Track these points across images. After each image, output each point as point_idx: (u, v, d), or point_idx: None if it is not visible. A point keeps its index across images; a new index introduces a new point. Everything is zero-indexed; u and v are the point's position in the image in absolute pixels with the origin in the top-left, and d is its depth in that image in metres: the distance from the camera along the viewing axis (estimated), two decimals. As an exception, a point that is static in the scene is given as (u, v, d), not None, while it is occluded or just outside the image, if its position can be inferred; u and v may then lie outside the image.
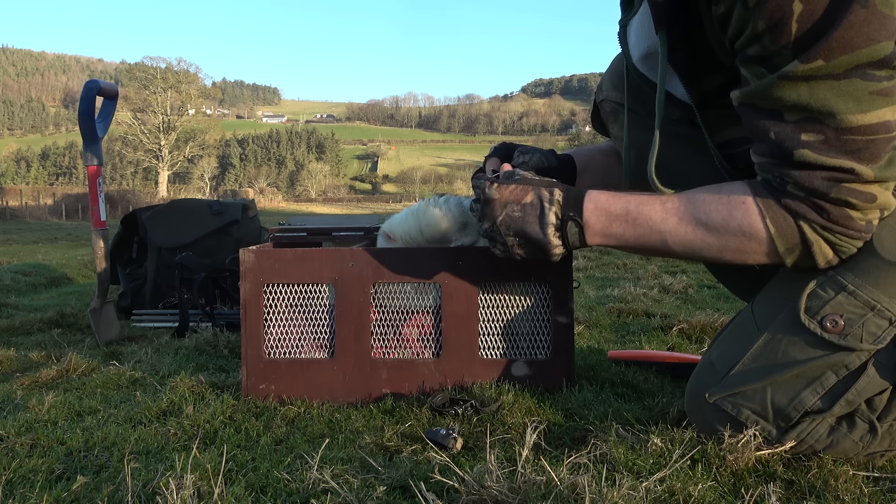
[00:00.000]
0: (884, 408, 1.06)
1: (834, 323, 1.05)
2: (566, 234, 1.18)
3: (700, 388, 1.16)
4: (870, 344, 1.04)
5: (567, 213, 1.17)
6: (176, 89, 55.98)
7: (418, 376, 1.47)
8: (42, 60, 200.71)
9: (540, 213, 1.18)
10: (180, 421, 1.32)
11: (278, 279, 1.49)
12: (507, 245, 1.22)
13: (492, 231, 1.22)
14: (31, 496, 1.01)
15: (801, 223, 1.04)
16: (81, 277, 4.31)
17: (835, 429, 1.08)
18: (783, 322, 1.09)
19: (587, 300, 2.94)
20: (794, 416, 1.08)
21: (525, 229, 1.19)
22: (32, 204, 31.50)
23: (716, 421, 1.13)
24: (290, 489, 1.02)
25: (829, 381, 1.06)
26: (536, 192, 1.19)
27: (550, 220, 1.17)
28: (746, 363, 1.11)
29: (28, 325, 2.48)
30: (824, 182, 1.00)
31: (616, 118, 1.46)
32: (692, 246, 1.11)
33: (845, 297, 1.05)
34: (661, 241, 1.13)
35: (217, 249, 2.87)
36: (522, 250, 1.22)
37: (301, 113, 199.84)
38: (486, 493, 0.93)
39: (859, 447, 1.08)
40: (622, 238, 1.16)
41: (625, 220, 1.15)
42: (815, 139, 0.99)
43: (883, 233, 1.05)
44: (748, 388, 1.10)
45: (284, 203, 54.66)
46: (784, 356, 1.08)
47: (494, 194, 1.20)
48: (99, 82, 2.29)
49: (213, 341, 2.05)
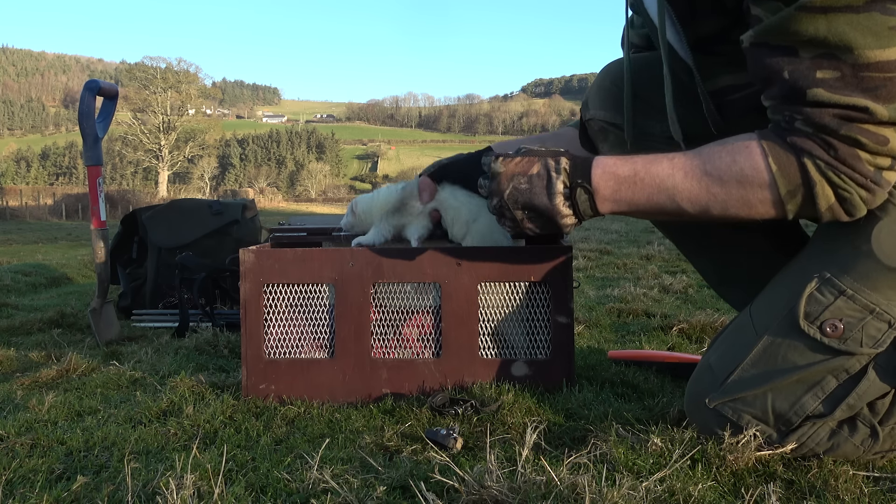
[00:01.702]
0: (886, 411, 1.06)
1: (833, 327, 1.04)
2: (576, 202, 1.14)
3: (700, 392, 1.15)
4: (870, 347, 1.03)
5: (575, 180, 1.14)
6: (176, 89, 55.96)
7: (418, 376, 1.47)
8: (42, 60, 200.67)
9: (547, 183, 1.14)
10: (180, 421, 1.32)
11: (278, 279, 1.49)
12: (517, 220, 1.18)
13: (500, 207, 1.18)
14: (31, 496, 1.01)
15: (804, 160, 1.00)
16: (81, 277, 4.30)
17: (836, 432, 1.07)
18: (782, 327, 1.09)
19: (587, 300, 2.94)
20: (796, 421, 1.08)
21: (533, 201, 1.15)
22: (32, 204, 31.50)
23: (716, 425, 1.13)
24: (290, 489, 1.02)
25: (830, 385, 1.06)
26: (543, 162, 1.16)
27: (558, 189, 1.14)
28: (746, 368, 1.11)
29: (28, 325, 2.48)
30: (835, 119, 0.97)
31: (605, 137, 1.44)
32: (699, 200, 1.08)
33: (844, 302, 1.04)
34: (670, 200, 1.10)
35: (217, 249, 2.87)
36: (533, 224, 1.18)
37: (301, 113, 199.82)
38: (486, 493, 0.93)
39: (860, 451, 1.08)
40: (633, 202, 1.12)
41: (633, 183, 1.11)
42: (830, 76, 0.96)
43: (881, 236, 1.04)
44: (748, 393, 1.10)
45: (284, 203, 54.63)
46: (784, 361, 1.08)
47: (500, 167, 1.17)
48: (99, 82, 2.29)
49: (213, 341, 2.05)
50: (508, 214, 1.18)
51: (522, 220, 1.18)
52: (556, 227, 1.17)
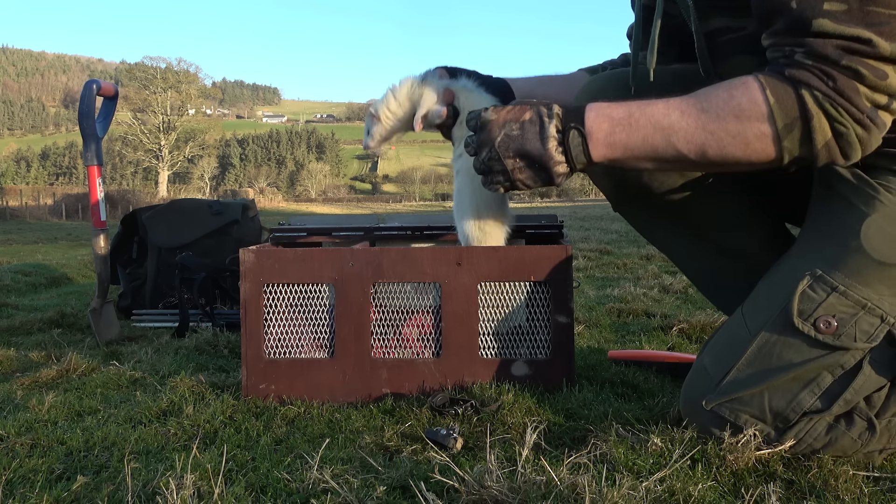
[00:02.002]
0: (882, 404, 1.06)
1: (827, 324, 1.05)
2: (569, 147, 1.12)
3: (696, 394, 1.15)
4: (864, 342, 1.04)
5: (568, 124, 1.12)
6: (176, 89, 55.97)
7: (418, 376, 1.47)
8: (42, 60, 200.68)
9: (540, 128, 1.13)
10: (180, 421, 1.32)
11: (278, 279, 1.49)
12: (508, 171, 1.15)
13: (490, 158, 1.15)
14: (31, 496, 1.01)
15: (802, 91, 1.00)
16: (81, 277, 4.30)
17: (833, 427, 1.08)
18: (776, 325, 1.09)
19: (587, 300, 2.94)
20: (793, 418, 1.08)
21: (525, 146, 1.13)
22: (32, 204, 31.50)
23: (714, 426, 1.13)
24: (290, 489, 1.02)
25: (826, 381, 1.06)
26: (535, 109, 1.15)
27: (551, 133, 1.12)
28: (741, 368, 1.11)
29: (28, 325, 2.48)
30: (837, 50, 0.97)
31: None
32: (695, 139, 1.06)
33: (836, 298, 1.05)
34: (666, 140, 1.08)
35: (217, 249, 2.87)
36: (524, 174, 1.15)
37: (301, 113, 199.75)
38: (486, 492, 0.93)
39: (858, 444, 1.08)
40: (628, 145, 1.10)
41: (629, 124, 1.10)
42: (837, 8, 0.97)
43: (870, 232, 1.05)
44: (745, 393, 1.10)
45: (284, 203, 54.66)
46: (779, 360, 1.08)
47: (492, 115, 1.16)
48: (99, 82, 2.29)
49: (213, 341, 2.05)
50: (498, 166, 1.15)
51: (514, 171, 1.15)
52: (549, 176, 1.15)
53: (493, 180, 1.18)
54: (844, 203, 1.12)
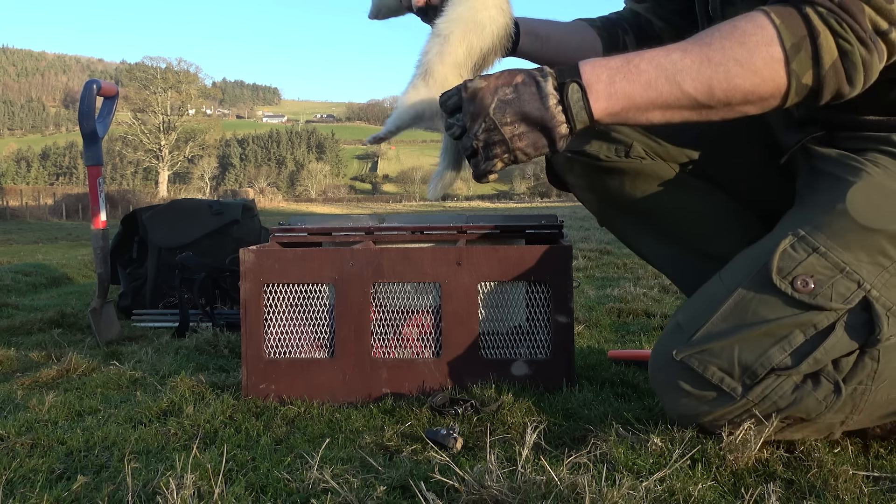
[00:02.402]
0: (850, 370, 1.06)
1: (804, 283, 1.05)
2: (568, 104, 1.04)
3: (667, 348, 1.15)
4: (839, 304, 1.04)
5: (564, 79, 1.05)
6: (176, 89, 55.98)
7: (418, 376, 1.47)
8: (42, 60, 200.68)
9: (537, 87, 1.05)
10: (180, 421, 1.32)
11: (278, 279, 1.49)
12: (506, 140, 1.05)
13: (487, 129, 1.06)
14: (32, 496, 1.01)
15: (807, 10, 0.99)
16: (81, 277, 4.30)
17: (799, 387, 1.07)
18: (754, 282, 1.09)
19: (587, 300, 2.94)
20: (761, 373, 1.07)
21: (524, 108, 1.04)
22: (33, 204, 31.50)
23: (681, 378, 1.12)
24: (291, 489, 1.02)
25: (798, 339, 1.06)
26: (525, 71, 1.06)
27: (549, 91, 1.04)
28: (716, 322, 1.10)
29: (28, 325, 2.48)
30: None
31: (571, 168, 1.42)
32: (702, 75, 1.01)
33: (816, 259, 1.05)
34: (671, 82, 1.02)
35: (217, 249, 2.87)
36: (524, 141, 1.06)
37: (301, 113, 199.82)
38: (486, 492, 0.93)
39: (822, 406, 1.07)
40: (630, 94, 1.04)
41: (628, 70, 1.04)
42: None
43: (856, 196, 1.06)
44: (716, 344, 1.09)
45: (284, 203, 54.67)
46: (754, 315, 1.08)
47: (480, 83, 1.07)
48: (99, 82, 2.29)
49: (213, 341, 2.05)
50: (497, 136, 1.05)
51: (513, 139, 1.05)
52: (551, 139, 1.06)
53: (491, 154, 1.07)
54: (830, 178, 1.13)
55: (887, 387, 1.07)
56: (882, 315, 1.04)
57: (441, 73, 1.24)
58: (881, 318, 1.03)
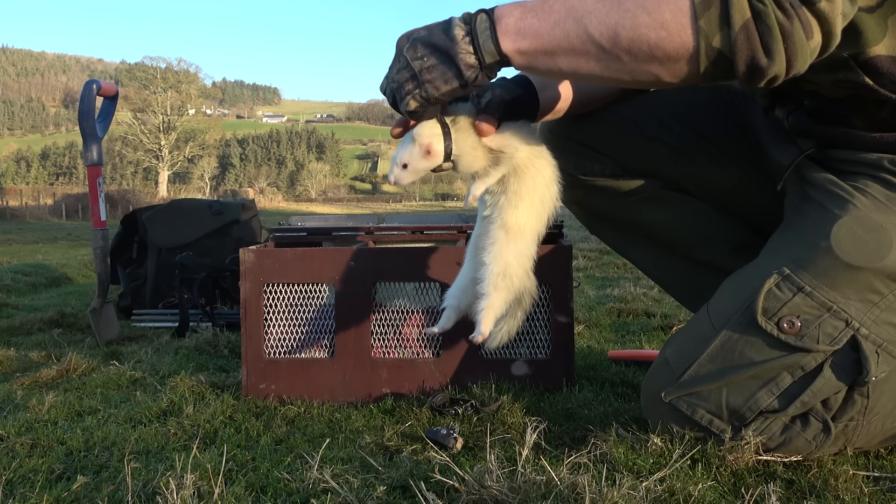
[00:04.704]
0: (839, 408, 1.06)
1: (791, 324, 1.04)
2: (476, 34, 1.01)
3: (656, 387, 1.15)
4: (826, 345, 1.03)
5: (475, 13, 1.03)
6: (176, 89, 55.96)
7: (418, 376, 1.47)
8: (42, 60, 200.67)
9: (447, 23, 1.04)
10: (180, 421, 1.32)
11: (278, 279, 1.49)
12: (417, 73, 1.03)
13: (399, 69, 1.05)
14: (32, 496, 1.01)
15: None
16: (81, 277, 4.30)
17: (788, 427, 1.07)
18: (740, 322, 1.08)
19: (587, 300, 2.94)
20: (749, 417, 1.07)
21: (431, 39, 1.03)
22: (32, 204, 31.51)
23: (671, 420, 1.12)
24: (291, 489, 1.02)
25: (785, 381, 1.05)
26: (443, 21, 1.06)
27: (456, 23, 1.03)
28: (703, 363, 1.10)
29: (28, 325, 2.48)
30: None
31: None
32: (609, 19, 0.96)
33: (802, 298, 1.04)
34: (578, 23, 0.97)
35: (217, 249, 2.87)
36: (432, 74, 1.03)
37: (301, 113, 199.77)
38: (486, 492, 0.93)
39: (812, 446, 1.07)
40: (538, 32, 1.00)
41: (540, 9, 1.00)
42: None
43: (840, 233, 1.04)
44: (704, 388, 1.09)
45: (284, 203, 54.69)
46: (741, 357, 1.07)
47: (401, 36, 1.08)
48: (99, 82, 2.29)
49: (213, 341, 2.05)
50: (407, 73, 1.04)
51: (422, 72, 1.03)
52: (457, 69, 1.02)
53: (404, 92, 1.05)
54: (818, 207, 1.11)
55: (881, 419, 1.07)
56: (870, 354, 1.02)
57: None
58: (869, 358, 1.02)
